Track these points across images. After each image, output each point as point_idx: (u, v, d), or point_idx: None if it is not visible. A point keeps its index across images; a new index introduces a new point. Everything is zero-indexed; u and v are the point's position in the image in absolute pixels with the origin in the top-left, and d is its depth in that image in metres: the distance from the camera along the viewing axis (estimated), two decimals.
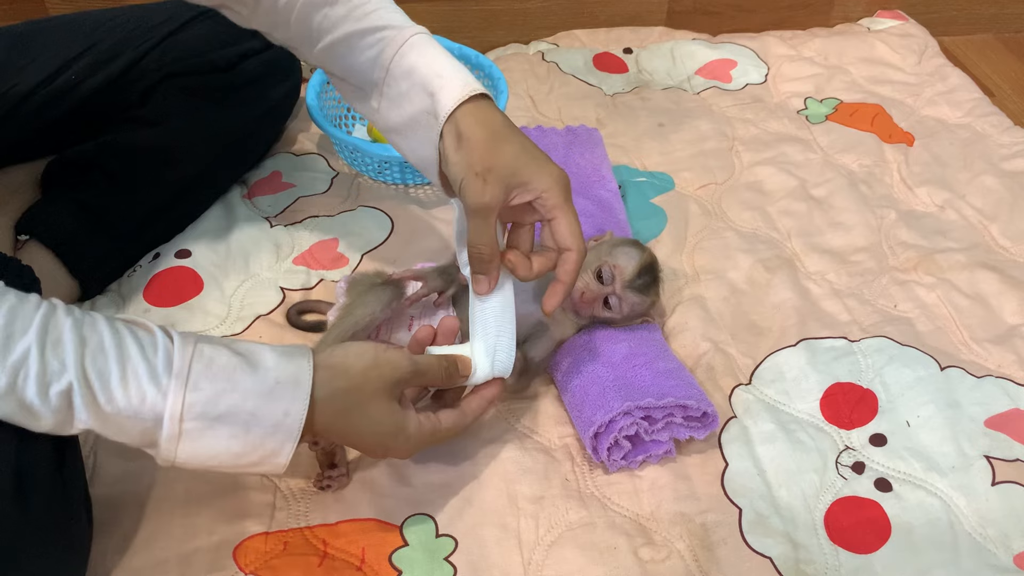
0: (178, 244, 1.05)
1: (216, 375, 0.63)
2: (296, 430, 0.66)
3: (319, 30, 0.78)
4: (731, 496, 0.83)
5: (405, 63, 0.76)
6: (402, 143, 0.79)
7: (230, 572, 0.75)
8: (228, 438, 0.64)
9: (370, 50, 0.77)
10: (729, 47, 1.49)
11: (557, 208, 0.74)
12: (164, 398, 0.62)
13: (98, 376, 0.60)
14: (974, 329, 1.01)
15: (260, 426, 0.65)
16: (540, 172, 0.74)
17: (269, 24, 0.82)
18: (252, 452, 0.65)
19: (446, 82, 0.74)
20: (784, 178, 1.21)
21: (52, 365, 0.59)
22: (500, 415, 0.89)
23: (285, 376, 0.66)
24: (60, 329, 0.60)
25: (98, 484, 0.80)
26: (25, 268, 0.77)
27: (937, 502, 0.84)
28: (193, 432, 0.63)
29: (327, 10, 0.78)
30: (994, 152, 1.27)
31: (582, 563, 0.77)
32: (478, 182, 0.72)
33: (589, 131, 1.17)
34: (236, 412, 0.64)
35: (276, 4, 0.79)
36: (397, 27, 0.77)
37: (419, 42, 0.76)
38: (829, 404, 0.91)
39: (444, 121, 0.73)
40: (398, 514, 0.80)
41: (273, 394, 0.65)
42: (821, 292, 1.05)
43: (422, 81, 0.75)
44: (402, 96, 0.76)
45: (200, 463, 0.65)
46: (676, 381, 0.86)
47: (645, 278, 0.89)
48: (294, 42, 0.82)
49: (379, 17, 0.77)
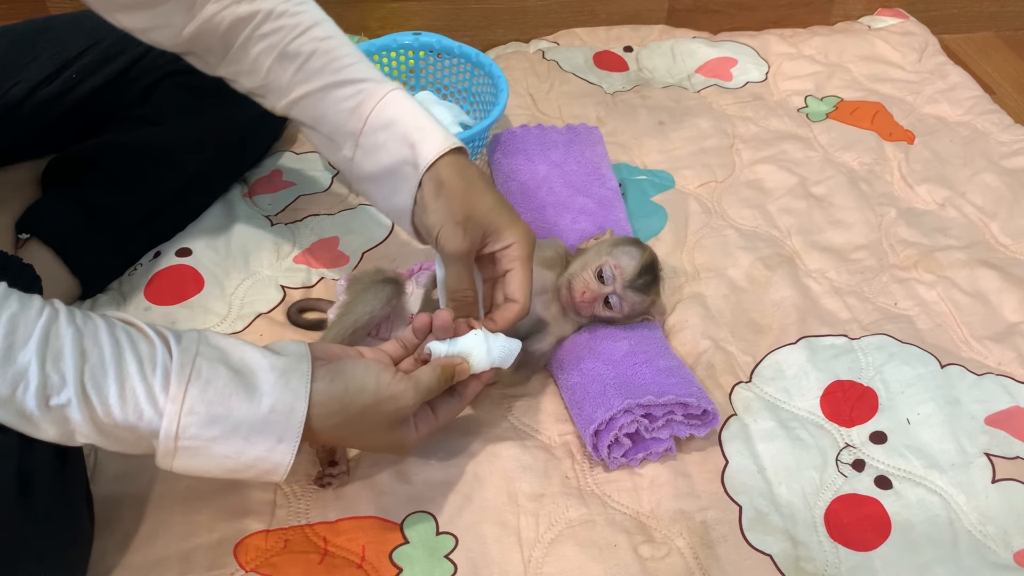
0: (179, 242, 1.05)
1: (212, 400, 0.64)
2: (290, 453, 0.67)
3: (293, 81, 0.79)
4: (731, 494, 0.83)
5: (385, 115, 0.78)
6: (375, 192, 0.81)
7: (231, 569, 0.75)
8: (223, 457, 0.65)
9: (348, 101, 0.78)
10: (729, 45, 1.49)
11: (519, 260, 0.79)
12: (160, 418, 0.63)
13: (96, 392, 0.61)
14: (974, 327, 1.01)
15: (254, 449, 0.66)
16: (513, 225, 0.78)
17: (235, 72, 0.82)
18: (247, 470, 0.67)
19: (427, 134, 0.77)
20: (784, 176, 1.21)
21: (52, 379, 0.60)
22: (501, 413, 0.89)
23: (281, 405, 0.66)
24: (61, 342, 0.60)
25: (99, 482, 0.81)
26: (26, 266, 0.77)
27: (937, 499, 0.84)
28: (189, 450, 0.64)
29: (303, 62, 0.79)
30: (994, 150, 1.27)
31: (582, 560, 0.77)
32: (458, 230, 0.75)
33: (589, 129, 1.17)
34: (231, 437, 0.65)
35: (247, 55, 0.80)
36: (377, 81, 0.79)
37: (399, 96, 0.79)
38: (829, 402, 0.92)
39: (425, 170, 0.76)
40: (398, 512, 0.80)
41: (268, 423, 0.65)
42: (821, 290, 1.05)
43: (403, 133, 0.77)
44: (379, 147, 0.78)
45: (196, 474, 0.66)
46: (676, 379, 0.86)
47: (646, 277, 0.89)
48: (262, 91, 0.82)
49: (358, 71, 0.79)
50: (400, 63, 1.27)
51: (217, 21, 0.79)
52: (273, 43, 0.79)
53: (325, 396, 0.68)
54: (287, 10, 0.80)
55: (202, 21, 0.79)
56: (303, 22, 0.80)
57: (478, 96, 1.25)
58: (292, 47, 0.79)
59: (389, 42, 1.25)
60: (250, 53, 0.80)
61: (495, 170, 1.15)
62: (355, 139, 0.79)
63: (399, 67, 1.28)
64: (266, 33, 0.79)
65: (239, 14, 0.79)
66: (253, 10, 0.79)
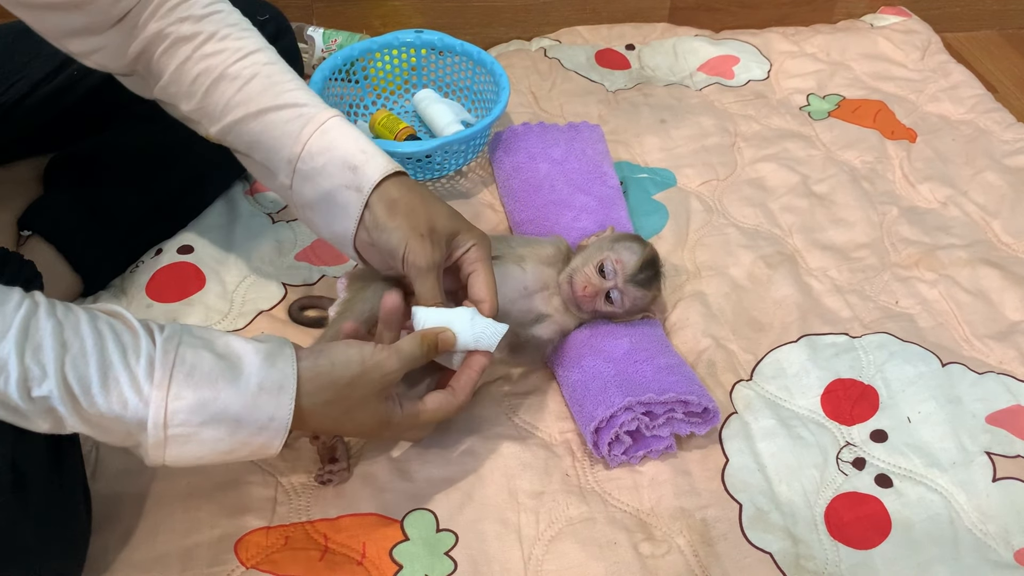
0: (180, 240, 1.05)
1: (198, 384, 0.63)
2: (283, 431, 0.67)
3: (230, 104, 0.79)
4: (731, 492, 0.83)
5: (324, 140, 0.78)
6: (315, 218, 0.81)
7: (231, 566, 0.75)
8: (215, 441, 0.65)
9: (286, 125, 0.78)
10: (732, 43, 1.48)
11: (480, 262, 0.80)
12: (146, 407, 0.62)
13: (79, 382, 0.60)
14: (975, 325, 1.01)
15: (245, 430, 0.65)
16: (470, 230, 0.81)
17: (174, 94, 0.82)
18: (240, 450, 0.66)
19: (370, 157, 0.78)
20: (786, 174, 1.21)
21: (32, 370, 0.59)
22: (501, 410, 0.89)
23: (269, 383, 0.66)
24: (41, 333, 0.60)
25: (100, 479, 0.81)
26: (27, 263, 0.77)
27: (938, 498, 0.84)
28: (179, 438, 0.64)
29: (242, 84, 0.79)
30: (997, 148, 1.27)
31: (582, 558, 0.77)
32: (425, 242, 0.76)
33: (591, 127, 1.17)
34: (220, 419, 0.64)
35: (187, 75, 0.80)
36: (316, 106, 0.79)
37: (339, 122, 0.79)
38: (830, 400, 0.92)
39: (370, 192, 0.76)
40: (399, 509, 0.80)
41: (257, 402, 0.65)
42: (823, 288, 1.05)
43: (342, 157, 0.77)
44: (318, 172, 0.78)
45: (189, 464, 0.66)
46: (677, 377, 0.86)
47: (647, 272, 0.89)
48: (198, 114, 0.82)
49: (298, 96, 0.79)
50: (402, 61, 1.27)
51: (160, 40, 0.79)
52: (213, 65, 0.79)
53: (312, 372, 0.68)
54: (230, 34, 0.80)
55: (146, 41, 0.80)
56: (246, 46, 0.80)
57: (480, 94, 1.25)
58: (232, 70, 0.79)
59: (391, 40, 1.25)
60: (190, 73, 0.80)
61: (496, 168, 1.15)
62: (292, 165, 0.78)
63: (400, 65, 1.28)
64: (208, 54, 0.79)
65: (182, 33, 0.79)
66: (196, 30, 0.79)
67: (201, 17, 0.80)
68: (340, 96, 1.24)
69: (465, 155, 1.17)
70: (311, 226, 0.83)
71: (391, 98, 1.30)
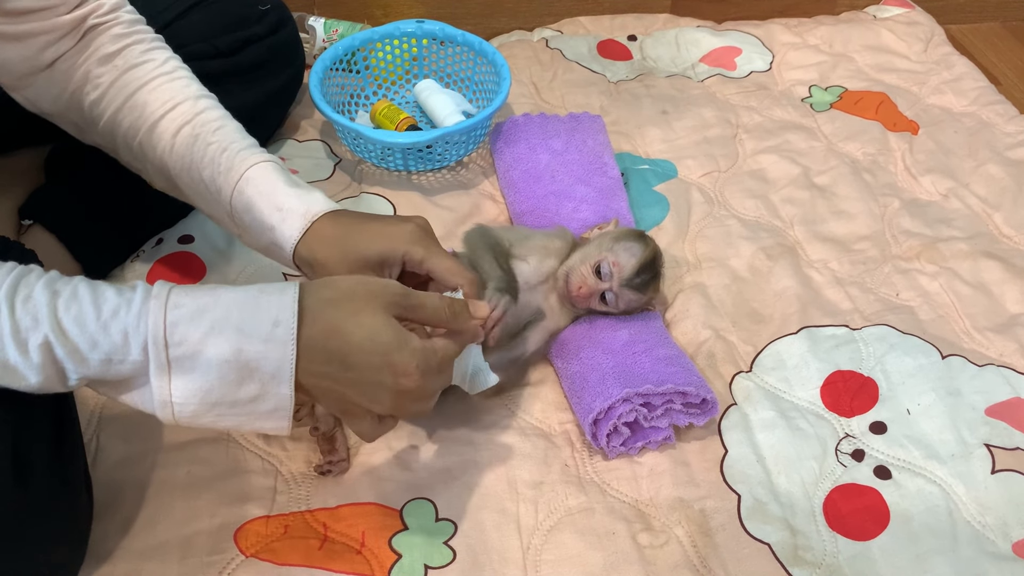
0: (181, 229, 1.05)
1: (196, 294, 0.61)
2: (291, 342, 0.61)
3: (162, 163, 0.81)
4: (730, 483, 0.83)
5: (243, 199, 0.79)
6: (274, 259, 0.83)
7: (231, 555, 0.76)
8: (220, 364, 0.60)
9: (213, 184, 0.80)
10: (734, 34, 1.48)
11: (426, 261, 0.76)
12: (144, 321, 0.59)
13: (75, 322, 0.58)
14: (976, 318, 1.01)
15: (250, 343, 0.61)
16: (392, 243, 0.76)
17: (110, 144, 0.84)
18: (249, 379, 0.61)
19: (285, 215, 0.77)
20: (787, 166, 1.21)
21: (24, 321, 0.57)
22: (501, 401, 0.89)
23: (270, 287, 0.63)
24: (31, 287, 0.59)
25: (100, 467, 0.81)
26: (28, 252, 0.77)
27: (936, 490, 0.84)
28: (182, 360, 0.60)
29: (172, 141, 0.80)
30: (999, 141, 1.27)
31: (581, 548, 0.78)
32: None
33: (592, 118, 1.17)
34: (223, 327, 0.60)
35: (118, 129, 0.82)
36: (231, 161, 0.79)
37: (255, 174, 0.79)
38: (830, 392, 0.92)
39: (292, 255, 0.78)
40: (398, 498, 0.80)
41: (259, 303, 0.62)
42: (823, 280, 1.04)
43: (261, 220, 0.78)
44: (249, 228, 0.80)
45: (200, 409, 0.62)
46: (676, 368, 0.86)
47: (644, 276, 0.88)
48: (137, 164, 0.84)
49: (216, 154, 0.79)
50: (403, 51, 1.27)
51: (91, 89, 0.81)
52: (143, 119, 0.81)
53: (312, 284, 0.66)
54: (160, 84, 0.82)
55: (77, 85, 0.82)
56: (174, 97, 0.81)
57: (481, 85, 1.25)
58: (161, 125, 0.80)
59: (392, 30, 1.25)
60: (121, 126, 0.82)
61: (497, 158, 1.15)
62: (232, 218, 0.81)
63: (402, 55, 1.27)
64: (137, 105, 0.81)
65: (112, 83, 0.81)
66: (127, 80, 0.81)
67: (132, 66, 0.82)
68: (341, 86, 1.24)
69: (466, 145, 1.17)
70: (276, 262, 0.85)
71: (392, 88, 1.30)
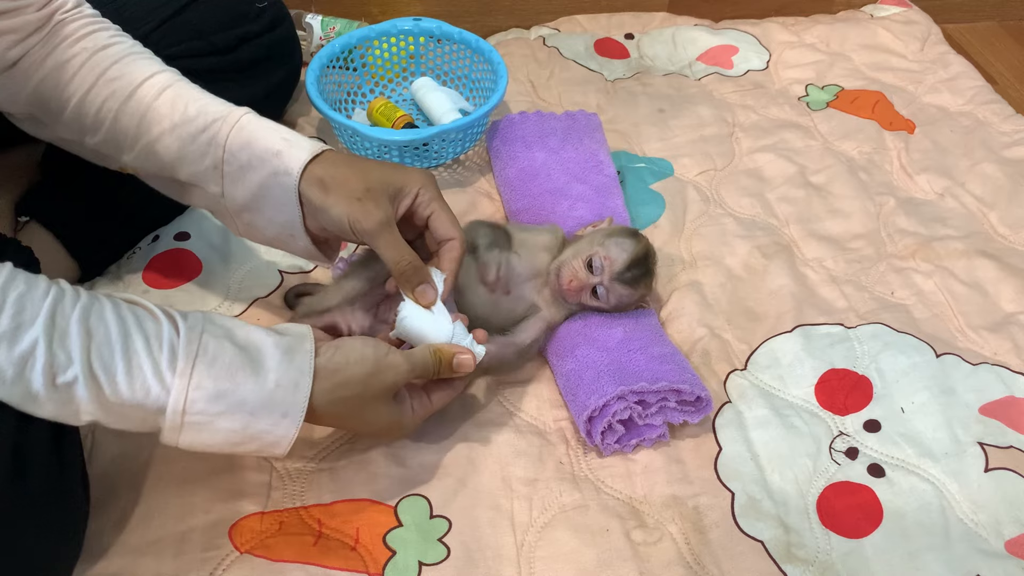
0: (177, 226, 1.05)
1: (219, 375, 0.65)
2: (294, 427, 0.68)
3: (143, 126, 0.80)
4: (724, 480, 0.83)
5: (243, 136, 0.78)
6: (256, 218, 0.81)
7: (225, 551, 0.76)
8: (227, 432, 0.66)
9: (203, 134, 0.78)
10: (731, 33, 1.48)
11: (434, 201, 0.79)
12: (168, 394, 0.64)
13: (103, 369, 0.62)
14: (971, 316, 1.01)
15: (259, 424, 0.67)
16: (409, 176, 0.79)
17: (77, 131, 0.83)
18: (250, 443, 0.68)
19: (292, 142, 0.78)
20: (783, 165, 1.21)
21: (59, 357, 0.60)
22: (495, 398, 0.90)
23: (286, 380, 0.67)
24: (67, 321, 0.61)
25: (95, 463, 0.81)
26: (24, 249, 0.78)
27: (930, 488, 0.84)
28: (194, 426, 0.65)
29: (151, 102, 0.79)
30: (995, 140, 1.27)
31: (575, 545, 0.78)
32: (366, 204, 0.75)
33: (588, 116, 1.17)
34: (236, 412, 0.66)
35: (90, 107, 0.80)
36: (227, 108, 0.80)
37: (253, 118, 0.80)
38: (824, 390, 0.92)
39: (299, 176, 0.76)
40: (393, 495, 0.80)
41: (273, 398, 0.67)
42: (818, 279, 1.05)
43: (264, 146, 0.77)
44: (244, 168, 0.78)
45: (200, 449, 0.68)
46: (671, 366, 0.86)
47: (635, 271, 0.88)
48: (107, 147, 0.82)
49: (206, 105, 0.80)
50: (400, 49, 1.27)
51: (59, 73, 0.80)
52: (119, 88, 0.80)
53: (328, 370, 0.70)
54: (132, 60, 0.81)
55: (42, 77, 0.80)
56: (148, 68, 0.81)
57: (478, 82, 1.25)
58: (139, 92, 0.80)
59: (389, 28, 1.25)
60: (93, 103, 0.80)
61: (493, 157, 1.15)
62: (219, 169, 0.79)
63: (399, 53, 1.28)
64: (112, 78, 0.80)
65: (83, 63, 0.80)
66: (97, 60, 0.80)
67: (103, 47, 0.81)
68: (338, 84, 1.24)
69: (462, 143, 1.17)
70: (254, 231, 0.83)
71: (389, 86, 1.30)
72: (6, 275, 0.60)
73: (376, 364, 0.71)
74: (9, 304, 0.59)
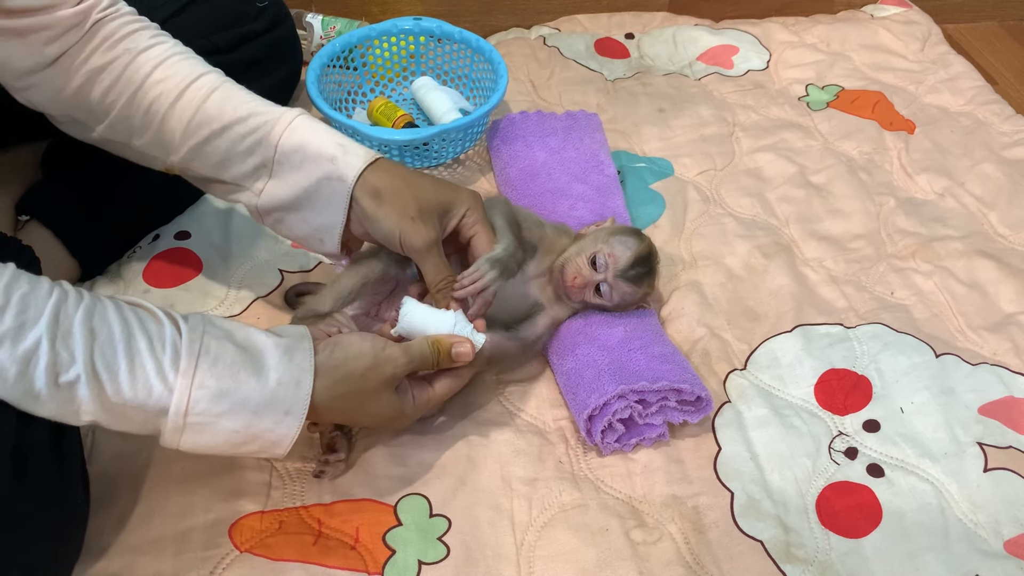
0: (178, 226, 1.05)
1: (221, 374, 0.65)
2: (296, 426, 0.68)
3: (191, 127, 0.80)
4: (723, 480, 0.84)
5: (295, 138, 0.79)
6: (290, 217, 0.82)
7: (225, 550, 0.76)
8: (229, 432, 0.67)
9: (254, 134, 0.79)
10: (731, 33, 1.48)
11: (479, 223, 0.83)
12: (170, 394, 0.64)
13: (106, 369, 0.62)
14: (970, 317, 1.01)
15: (261, 423, 0.67)
16: (459, 196, 0.82)
17: (124, 132, 0.83)
18: (252, 443, 0.68)
19: (348, 149, 0.79)
20: (784, 164, 1.21)
21: (62, 356, 0.60)
22: (495, 397, 0.90)
23: (287, 378, 0.68)
24: (70, 321, 0.61)
25: (96, 462, 0.81)
26: (25, 248, 0.78)
27: (929, 488, 0.84)
28: (197, 426, 0.65)
29: (200, 104, 0.79)
30: (995, 140, 1.27)
31: (574, 544, 0.78)
32: (418, 225, 0.78)
33: (589, 116, 1.17)
34: (239, 411, 0.66)
35: (137, 108, 0.80)
36: (279, 110, 0.81)
37: (307, 120, 0.80)
38: (823, 390, 0.92)
39: (354, 183, 0.78)
40: (392, 494, 0.81)
41: (275, 397, 0.67)
42: (818, 278, 1.05)
43: (319, 150, 0.78)
44: (294, 168, 0.79)
45: (201, 451, 0.68)
46: (671, 365, 0.86)
47: (639, 269, 0.88)
48: (154, 148, 0.83)
49: (257, 106, 0.80)
50: (400, 48, 1.27)
51: (104, 74, 0.80)
52: (166, 90, 0.80)
53: (328, 366, 0.70)
54: (178, 60, 0.81)
55: (86, 77, 0.80)
56: (195, 70, 0.81)
57: (478, 82, 1.25)
58: (187, 93, 0.80)
59: (390, 27, 1.25)
60: (141, 105, 0.80)
61: (493, 156, 1.15)
62: (269, 168, 0.80)
63: (399, 52, 1.28)
64: (159, 80, 0.80)
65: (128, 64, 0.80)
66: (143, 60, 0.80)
67: (145, 48, 0.81)
68: (338, 83, 1.24)
69: (463, 143, 1.17)
70: (279, 227, 0.84)
71: (389, 85, 1.30)
72: (10, 275, 0.61)
73: (375, 358, 0.72)
74: (13, 303, 0.59)
